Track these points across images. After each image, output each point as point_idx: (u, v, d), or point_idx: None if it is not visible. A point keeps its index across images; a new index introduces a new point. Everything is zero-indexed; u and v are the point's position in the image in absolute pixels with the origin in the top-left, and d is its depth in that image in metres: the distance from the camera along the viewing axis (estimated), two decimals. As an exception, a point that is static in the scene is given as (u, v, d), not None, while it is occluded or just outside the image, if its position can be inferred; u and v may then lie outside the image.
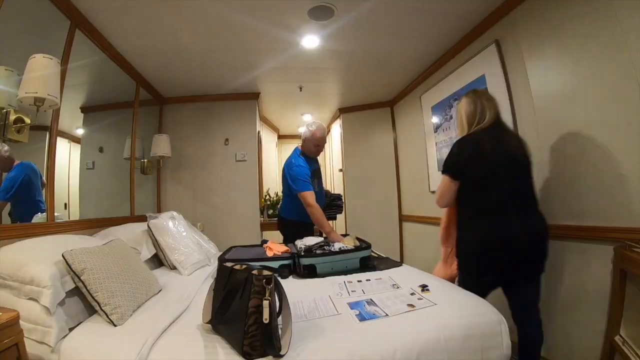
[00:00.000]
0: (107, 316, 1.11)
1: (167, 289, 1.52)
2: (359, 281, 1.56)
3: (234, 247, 2.31)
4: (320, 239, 2.08)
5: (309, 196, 2.24)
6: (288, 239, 2.42)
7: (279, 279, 1.07)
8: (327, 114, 4.32)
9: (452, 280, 1.59)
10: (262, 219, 3.61)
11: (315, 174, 2.47)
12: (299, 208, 2.33)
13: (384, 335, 1.01)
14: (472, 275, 1.50)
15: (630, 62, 1.31)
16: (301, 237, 2.10)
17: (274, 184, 4.82)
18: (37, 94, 1.37)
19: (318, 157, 2.64)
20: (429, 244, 3.05)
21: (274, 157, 5.09)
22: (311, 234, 2.32)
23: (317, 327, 1.07)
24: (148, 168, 2.96)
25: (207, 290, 1.21)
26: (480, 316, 1.12)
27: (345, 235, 2.19)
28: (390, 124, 3.86)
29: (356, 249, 1.91)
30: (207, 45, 2.35)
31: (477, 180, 1.45)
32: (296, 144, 5.91)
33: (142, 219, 2.33)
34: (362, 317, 1.13)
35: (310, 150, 2.46)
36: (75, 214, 1.98)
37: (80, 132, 2.08)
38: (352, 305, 1.23)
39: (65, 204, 1.95)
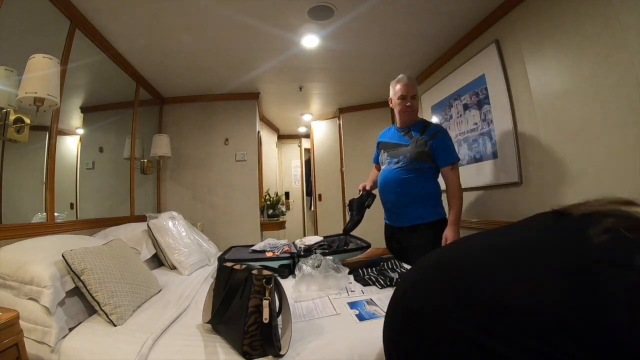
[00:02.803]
0: (107, 316, 1.11)
1: (167, 289, 1.52)
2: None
3: (234, 247, 2.31)
4: (320, 238, 2.08)
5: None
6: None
7: (278, 279, 1.07)
8: (327, 114, 4.32)
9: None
10: (262, 219, 3.61)
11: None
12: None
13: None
14: None
15: (630, 62, 1.31)
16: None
17: (274, 184, 4.82)
18: (37, 94, 1.37)
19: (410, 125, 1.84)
20: (429, 243, 3.05)
21: (274, 157, 5.09)
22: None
23: (317, 327, 1.07)
24: (148, 168, 2.96)
25: (207, 290, 1.21)
26: (480, 316, 1.12)
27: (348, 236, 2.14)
28: (391, 123, 3.85)
29: (356, 248, 1.91)
30: (207, 45, 2.35)
31: None
32: (296, 144, 5.85)
33: (142, 219, 2.33)
34: (361, 317, 1.13)
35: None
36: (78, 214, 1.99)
37: (80, 131, 2.08)
38: (352, 305, 1.23)
39: (72, 204, 1.96)
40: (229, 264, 1.12)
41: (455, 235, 1.63)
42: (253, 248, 2.09)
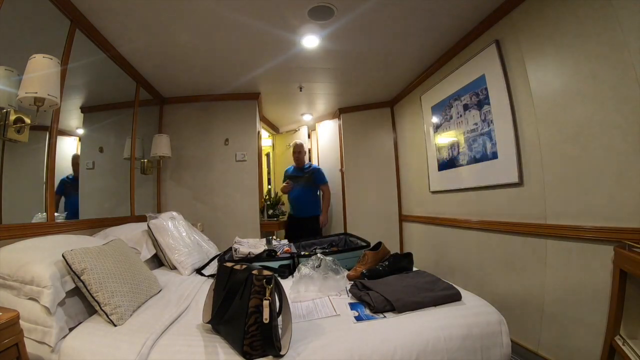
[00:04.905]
0: (107, 316, 1.11)
1: (167, 289, 1.53)
2: (359, 281, 1.56)
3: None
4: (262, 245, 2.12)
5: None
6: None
7: (279, 279, 1.07)
8: (327, 114, 4.32)
9: None
10: (262, 219, 3.61)
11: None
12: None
13: (383, 335, 1.01)
14: None
15: (630, 62, 1.31)
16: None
17: (273, 184, 4.82)
18: (37, 94, 1.36)
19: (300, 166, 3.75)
20: (429, 244, 3.05)
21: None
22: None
23: (317, 327, 1.07)
24: (148, 168, 2.96)
25: (207, 290, 1.21)
26: (480, 316, 1.12)
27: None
28: (390, 124, 3.85)
29: (355, 248, 1.91)
30: (207, 45, 2.35)
31: None
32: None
33: (142, 219, 2.33)
34: (361, 318, 1.13)
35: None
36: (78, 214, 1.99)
37: (80, 131, 2.08)
38: (352, 306, 1.24)
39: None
40: (229, 264, 1.12)
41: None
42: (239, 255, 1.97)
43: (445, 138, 2.69)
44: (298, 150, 3.66)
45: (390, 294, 1.19)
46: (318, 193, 3.73)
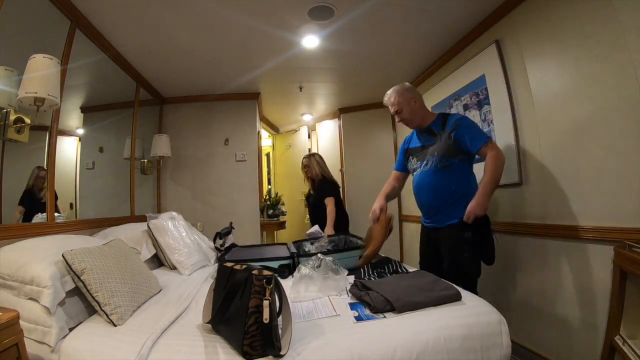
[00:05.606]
0: (107, 316, 1.11)
1: (167, 289, 1.52)
2: (359, 281, 1.56)
3: (235, 247, 2.31)
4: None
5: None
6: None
7: (279, 279, 1.07)
8: (327, 114, 4.32)
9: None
10: (262, 219, 3.61)
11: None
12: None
13: (383, 335, 1.01)
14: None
15: (630, 62, 1.31)
16: None
17: (273, 184, 4.82)
18: (37, 94, 1.37)
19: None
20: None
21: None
22: None
23: (317, 327, 1.07)
24: (148, 168, 2.96)
25: (207, 291, 1.21)
26: (480, 316, 1.12)
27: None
28: (390, 124, 3.85)
29: (355, 247, 1.91)
30: (207, 45, 2.35)
31: None
32: (296, 144, 5.74)
33: (142, 219, 2.33)
34: (361, 318, 1.13)
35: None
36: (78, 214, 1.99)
37: (80, 131, 2.08)
38: (352, 306, 1.23)
39: (72, 204, 1.96)
40: (229, 264, 1.12)
41: (476, 207, 1.49)
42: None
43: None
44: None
45: (390, 294, 1.19)
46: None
